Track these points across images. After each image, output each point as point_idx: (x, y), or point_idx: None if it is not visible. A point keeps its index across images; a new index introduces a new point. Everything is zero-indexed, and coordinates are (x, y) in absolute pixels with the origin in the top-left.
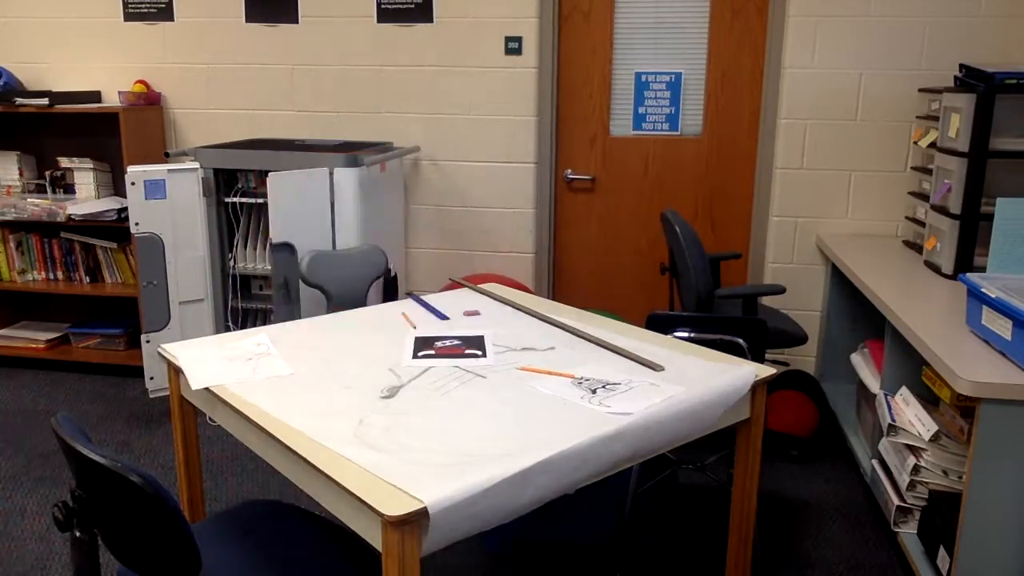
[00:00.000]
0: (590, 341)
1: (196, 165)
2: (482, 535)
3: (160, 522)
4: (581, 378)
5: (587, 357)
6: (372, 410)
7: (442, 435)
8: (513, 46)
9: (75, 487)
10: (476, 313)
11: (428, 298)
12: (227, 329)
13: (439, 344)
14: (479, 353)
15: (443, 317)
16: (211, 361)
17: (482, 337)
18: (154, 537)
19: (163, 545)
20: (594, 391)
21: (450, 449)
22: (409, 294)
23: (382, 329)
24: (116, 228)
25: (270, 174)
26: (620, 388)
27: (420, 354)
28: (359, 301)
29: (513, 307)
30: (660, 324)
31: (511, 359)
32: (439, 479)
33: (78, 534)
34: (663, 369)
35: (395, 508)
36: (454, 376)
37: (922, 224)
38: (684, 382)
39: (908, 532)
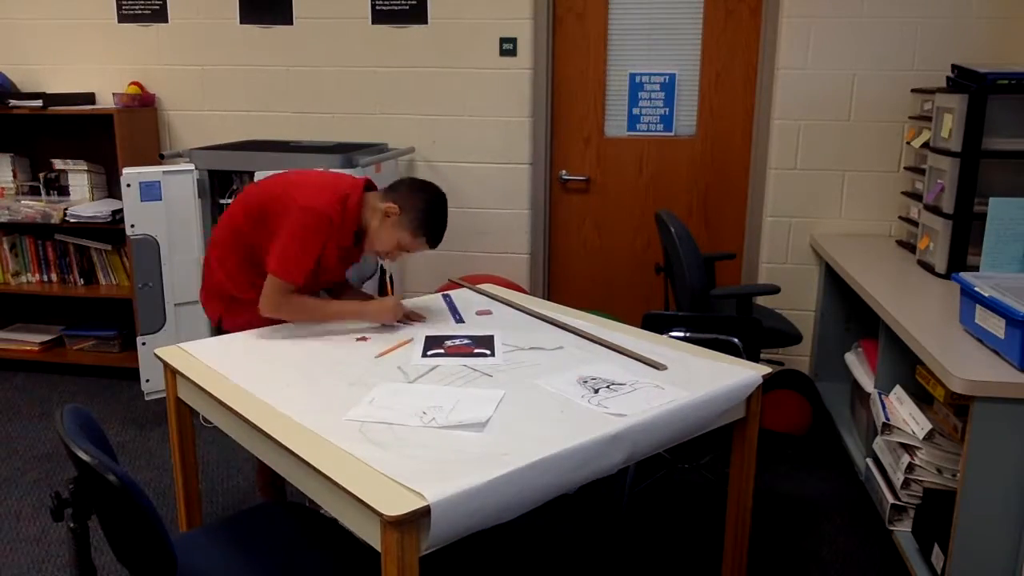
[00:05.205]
0: (598, 343)
1: (191, 167)
2: (479, 533)
3: (136, 522)
4: (586, 377)
5: (595, 357)
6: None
7: (444, 432)
8: (508, 47)
9: (73, 478)
10: (488, 312)
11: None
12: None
13: (448, 343)
14: (487, 352)
15: (460, 320)
16: (234, 356)
17: (492, 337)
18: (133, 536)
19: (141, 544)
20: (596, 391)
21: (452, 446)
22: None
23: (393, 327)
24: (110, 230)
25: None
26: (624, 389)
27: (429, 353)
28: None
29: (513, 307)
30: (656, 324)
31: (518, 358)
32: (441, 476)
33: (72, 525)
34: (666, 368)
35: (394, 508)
36: (460, 375)
37: (915, 224)
38: (689, 383)
39: (903, 530)
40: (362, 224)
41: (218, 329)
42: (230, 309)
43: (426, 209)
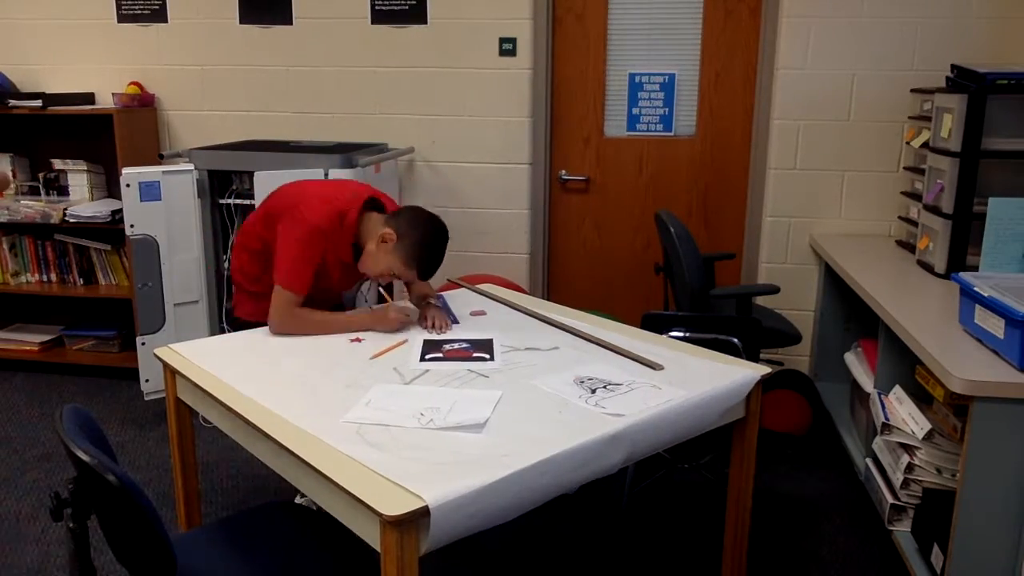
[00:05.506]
0: (593, 342)
1: (190, 167)
2: (479, 534)
3: (136, 522)
4: (583, 377)
5: (591, 357)
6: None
7: (443, 434)
8: (507, 47)
9: (72, 479)
10: (482, 313)
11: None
12: (222, 331)
13: (447, 347)
14: (487, 356)
15: (455, 321)
16: (228, 358)
17: (491, 341)
18: (132, 536)
19: (140, 544)
20: (593, 391)
21: (450, 448)
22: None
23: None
24: (110, 230)
25: (256, 173)
26: (621, 389)
27: (427, 357)
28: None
29: (511, 307)
30: (655, 324)
31: (514, 359)
32: (440, 478)
33: (71, 525)
34: (663, 368)
35: (393, 508)
36: (457, 376)
37: (915, 224)
38: (686, 383)
39: (902, 530)
40: (359, 242)
41: (231, 314)
42: (240, 298)
43: (423, 243)
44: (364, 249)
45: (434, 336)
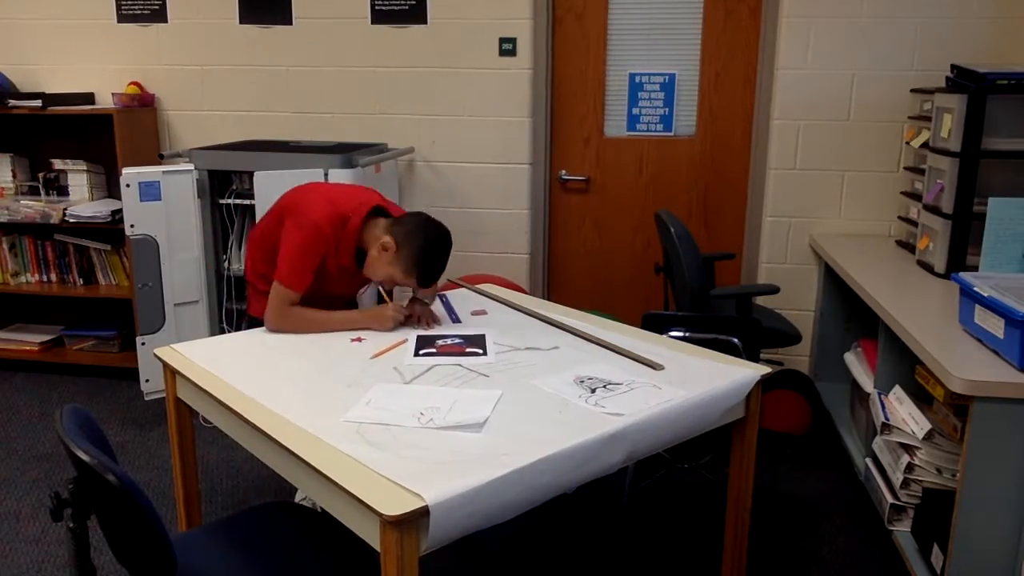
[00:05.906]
0: (594, 342)
1: (190, 167)
2: (479, 534)
3: (136, 522)
4: (583, 377)
5: (591, 357)
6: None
7: (442, 433)
8: (507, 47)
9: (72, 479)
10: (483, 312)
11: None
12: (222, 331)
13: (440, 342)
14: (479, 351)
15: (456, 320)
16: (229, 358)
17: (483, 336)
18: (132, 536)
19: (140, 544)
20: (593, 391)
21: (450, 447)
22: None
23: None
24: (110, 230)
25: (256, 173)
26: (621, 388)
27: (421, 352)
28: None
29: (512, 307)
30: (655, 324)
31: (514, 358)
32: (439, 477)
33: (71, 525)
34: (663, 368)
35: (393, 508)
36: (457, 375)
37: (915, 224)
38: (686, 383)
39: (902, 530)
40: (363, 247)
41: (246, 311)
42: (252, 296)
43: (422, 253)
44: (367, 255)
45: (427, 332)
